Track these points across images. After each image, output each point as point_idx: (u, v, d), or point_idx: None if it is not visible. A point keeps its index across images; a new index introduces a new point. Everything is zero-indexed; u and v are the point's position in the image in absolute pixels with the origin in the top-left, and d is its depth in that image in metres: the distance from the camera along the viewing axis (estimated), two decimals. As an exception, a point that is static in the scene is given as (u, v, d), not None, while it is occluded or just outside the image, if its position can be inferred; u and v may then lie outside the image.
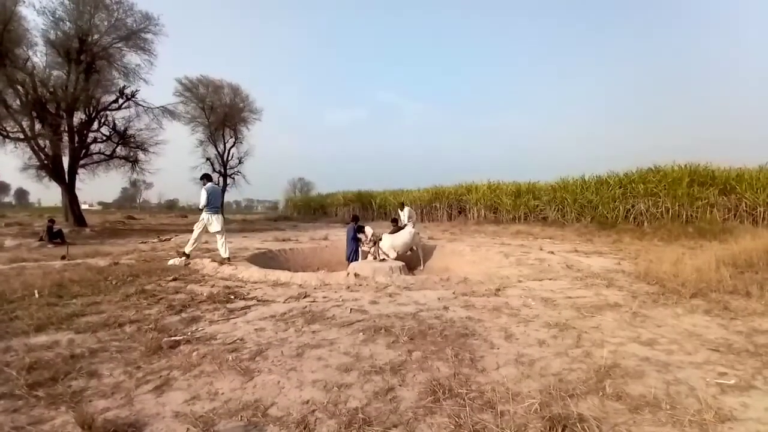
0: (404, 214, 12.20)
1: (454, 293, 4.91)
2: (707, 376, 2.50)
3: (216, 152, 31.20)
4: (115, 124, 18.71)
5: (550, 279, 5.83)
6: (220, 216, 7.55)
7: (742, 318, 3.72)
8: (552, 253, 8.73)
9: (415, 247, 9.57)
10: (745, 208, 12.50)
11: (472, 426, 1.94)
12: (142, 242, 11.24)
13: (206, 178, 7.76)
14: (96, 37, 16.61)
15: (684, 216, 13.38)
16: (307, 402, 2.19)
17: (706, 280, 4.87)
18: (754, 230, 10.48)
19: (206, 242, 11.07)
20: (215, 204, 7.53)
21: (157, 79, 19.83)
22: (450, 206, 22.15)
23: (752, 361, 2.74)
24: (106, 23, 16.73)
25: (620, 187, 15.24)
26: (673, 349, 2.99)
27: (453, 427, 1.94)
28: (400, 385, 2.38)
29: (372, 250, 8.61)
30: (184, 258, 7.17)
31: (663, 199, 13.85)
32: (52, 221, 11.54)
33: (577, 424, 1.91)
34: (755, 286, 4.59)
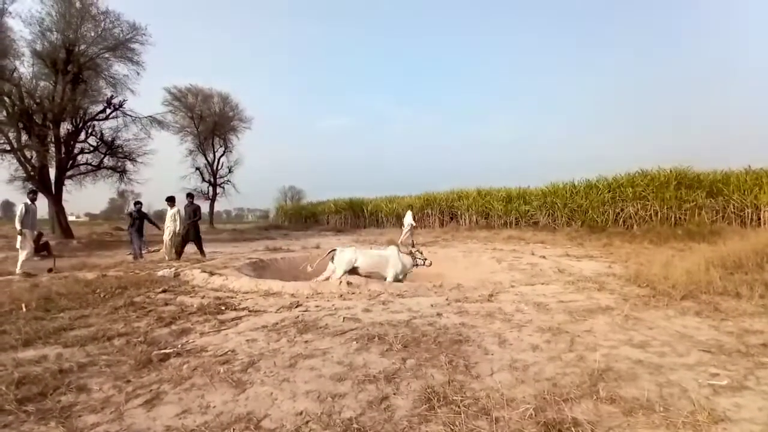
0: None
1: (447, 300, 4.90)
2: (700, 377, 2.52)
3: (205, 161, 31.24)
4: (102, 134, 18.49)
5: (542, 283, 5.85)
6: (27, 232, 7.77)
7: (733, 319, 3.76)
8: (543, 257, 8.78)
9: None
10: (732, 210, 12.70)
11: (468, 433, 1.92)
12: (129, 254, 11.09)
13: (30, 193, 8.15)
14: (83, 47, 16.49)
15: (672, 218, 13.56)
16: (301, 413, 2.16)
17: (696, 282, 4.91)
18: (742, 231, 10.63)
19: (194, 252, 10.97)
20: (27, 221, 7.81)
21: (145, 89, 19.72)
22: (442, 212, 22.25)
23: (744, 361, 2.76)
24: (93, 33, 16.62)
25: (609, 191, 15.42)
26: (665, 351, 3.01)
27: (448, 435, 1.92)
28: (394, 394, 2.36)
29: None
30: (173, 269, 7.10)
31: (651, 203, 14.04)
32: (39, 233, 11.34)
33: (572, 429, 1.91)
34: (745, 286, 4.64)
